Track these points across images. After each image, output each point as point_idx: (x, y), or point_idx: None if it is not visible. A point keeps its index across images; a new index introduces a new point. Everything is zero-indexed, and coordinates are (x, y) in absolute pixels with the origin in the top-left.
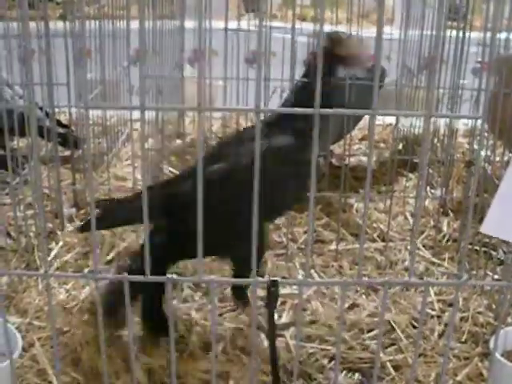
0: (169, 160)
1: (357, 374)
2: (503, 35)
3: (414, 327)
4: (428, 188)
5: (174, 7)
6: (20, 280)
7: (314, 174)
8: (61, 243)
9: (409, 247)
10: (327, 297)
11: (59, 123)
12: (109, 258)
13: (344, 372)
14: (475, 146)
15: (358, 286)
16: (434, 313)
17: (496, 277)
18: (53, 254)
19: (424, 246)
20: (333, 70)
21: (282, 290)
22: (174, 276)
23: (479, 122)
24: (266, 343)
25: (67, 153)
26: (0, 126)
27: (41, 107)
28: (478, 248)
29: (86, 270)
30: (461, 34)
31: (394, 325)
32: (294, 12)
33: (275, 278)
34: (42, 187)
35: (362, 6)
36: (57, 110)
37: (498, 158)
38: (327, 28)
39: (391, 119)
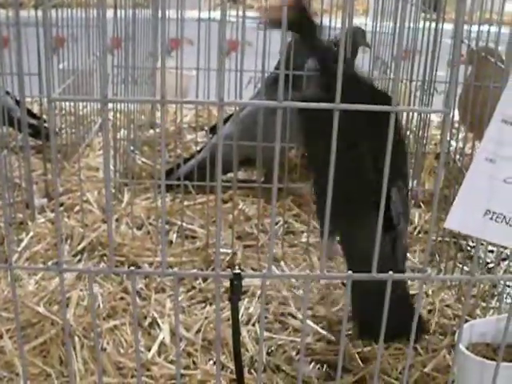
0: (141, 150)
1: (325, 366)
2: (475, 28)
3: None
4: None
5: None
6: None
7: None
8: (31, 234)
9: None
10: (297, 288)
11: (31, 114)
12: (79, 248)
13: (312, 363)
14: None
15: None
16: None
17: (466, 268)
18: (23, 244)
19: None
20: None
21: (253, 281)
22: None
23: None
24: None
25: (39, 142)
26: None
27: (9, 94)
28: (448, 239)
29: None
30: (435, 25)
31: None
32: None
33: (238, 271)
34: (13, 177)
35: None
36: (29, 99)
37: (470, 151)
38: None
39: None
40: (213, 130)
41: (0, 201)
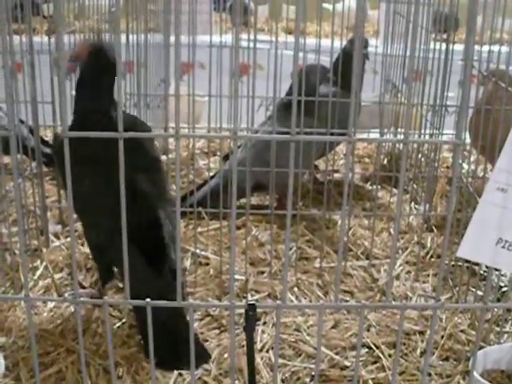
0: None
1: None
2: (486, 48)
3: (396, 346)
4: (412, 204)
5: (159, 21)
6: (4, 299)
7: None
8: (45, 263)
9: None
10: (311, 315)
11: (44, 142)
12: (94, 278)
13: None
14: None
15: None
16: (417, 328)
17: (479, 293)
18: (38, 273)
19: (407, 263)
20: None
21: (266, 308)
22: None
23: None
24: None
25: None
26: None
27: (23, 123)
28: (460, 264)
29: (66, 293)
30: (446, 46)
31: (375, 343)
32: (277, 25)
33: (253, 302)
34: (28, 204)
35: (346, 19)
36: (43, 127)
37: (481, 174)
38: (312, 41)
39: (375, 135)
40: (226, 157)
41: (16, 228)
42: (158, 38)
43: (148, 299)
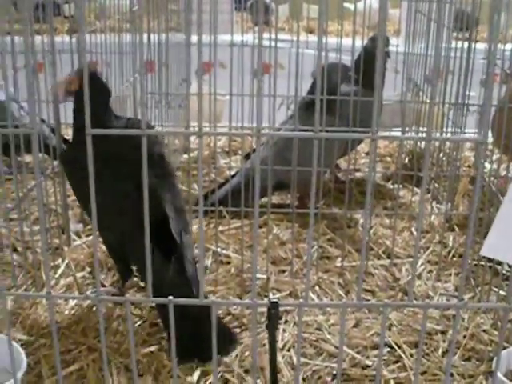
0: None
1: None
2: (509, 46)
3: (417, 346)
4: (434, 203)
5: (180, 20)
6: (26, 296)
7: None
8: (67, 260)
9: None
10: (332, 314)
11: (66, 141)
12: (115, 277)
13: None
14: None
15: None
16: (438, 327)
17: (502, 292)
18: (60, 271)
19: (429, 262)
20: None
21: (287, 307)
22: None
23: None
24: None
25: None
26: (6, 141)
27: (45, 122)
28: (483, 263)
29: (88, 291)
30: (468, 45)
31: (397, 343)
32: (298, 24)
33: (275, 300)
34: (49, 203)
35: (367, 18)
36: (64, 126)
37: (504, 173)
38: (333, 40)
39: (398, 133)
40: (247, 156)
41: (38, 226)
42: (179, 37)
43: (170, 297)
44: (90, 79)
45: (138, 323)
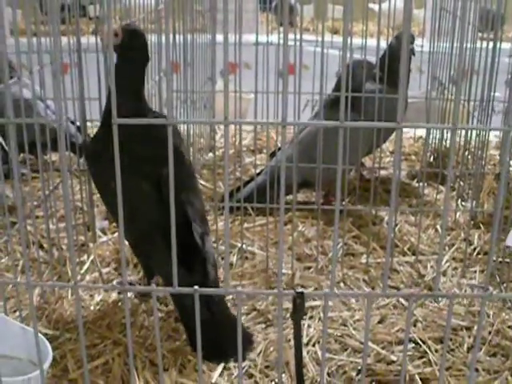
0: (200, 173)
1: None
2: None
3: (442, 341)
4: (459, 201)
5: (205, 21)
6: (52, 291)
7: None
8: (92, 256)
9: None
10: (357, 310)
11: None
12: (140, 274)
13: None
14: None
15: (387, 299)
16: (464, 323)
17: None
18: (85, 267)
19: (454, 259)
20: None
21: (313, 303)
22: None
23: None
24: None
25: None
26: (33, 139)
27: (73, 121)
28: (508, 260)
29: (114, 281)
30: (493, 44)
31: (422, 339)
32: (323, 25)
33: (301, 290)
34: (75, 200)
35: (391, 19)
36: (90, 124)
37: None
38: (358, 41)
39: (422, 132)
40: (273, 155)
41: (63, 224)
42: (203, 38)
43: (196, 286)
44: (133, 35)
45: (164, 319)
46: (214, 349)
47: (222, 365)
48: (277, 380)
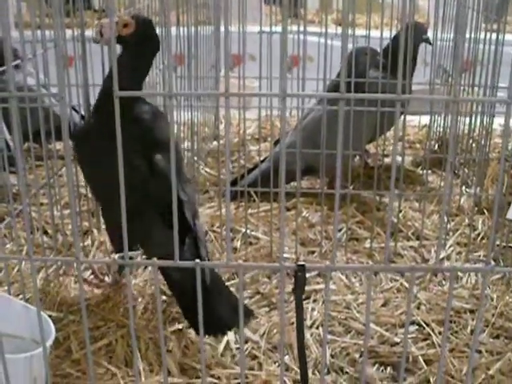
0: (205, 161)
1: (389, 368)
2: None
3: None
4: (464, 187)
5: (209, 13)
6: (56, 275)
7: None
8: (96, 242)
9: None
10: (361, 293)
11: None
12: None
13: (376, 366)
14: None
15: (390, 283)
16: (467, 306)
17: None
18: (91, 254)
19: (458, 244)
20: None
21: (317, 286)
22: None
23: None
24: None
25: None
26: (37, 128)
27: (75, 109)
28: (511, 245)
29: (116, 255)
30: (496, 35)
31: (426, 321)
32: (326, 17)
33: (302, 263)
34: (79, 186)
35: (395, 10)
36: None
37: None
38: (361, 32)
39: (426, 120)
40: (277, 143)
41: (68, 211)
42: (208, 30)
43: (197, 260)
44: (147, 26)
45: (168, 302)
46: (210, 321)
47: (223, 342)
48: (280, 361)
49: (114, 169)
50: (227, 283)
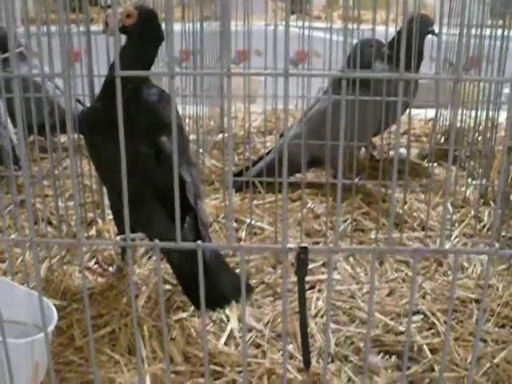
0: (211, 154)
1: (393, 357)
2: None
3: (453, 311)
4: (469, 179)
5: (215, 9)
6: (60, 264)
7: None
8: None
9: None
10: (365, 283)
11: None
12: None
13: (381, 354)
14: None
15: (395, 273)
16: (473, 296)
17: None
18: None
19: (464, 235)
20: None
21: (321, 276)
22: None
23: None
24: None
25: None
26: (42, 121)
27: (80, 101)
28: None
29: (118, 237)
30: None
31: (431, 310)
32: (331, 12)
33: (305, 245)
34: (84, 177)
35: (400, 7)
36: None
37: None
38: (366, 27)
39: (432, 113)
40: (282, 136)
41: (73, 202)
42: (214, 25)
43: (199, 241)
44: (150, 17)
45: (172, 291)
46: (210, 296)
47: (227, 330)
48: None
49: (119, 150)
50: None
